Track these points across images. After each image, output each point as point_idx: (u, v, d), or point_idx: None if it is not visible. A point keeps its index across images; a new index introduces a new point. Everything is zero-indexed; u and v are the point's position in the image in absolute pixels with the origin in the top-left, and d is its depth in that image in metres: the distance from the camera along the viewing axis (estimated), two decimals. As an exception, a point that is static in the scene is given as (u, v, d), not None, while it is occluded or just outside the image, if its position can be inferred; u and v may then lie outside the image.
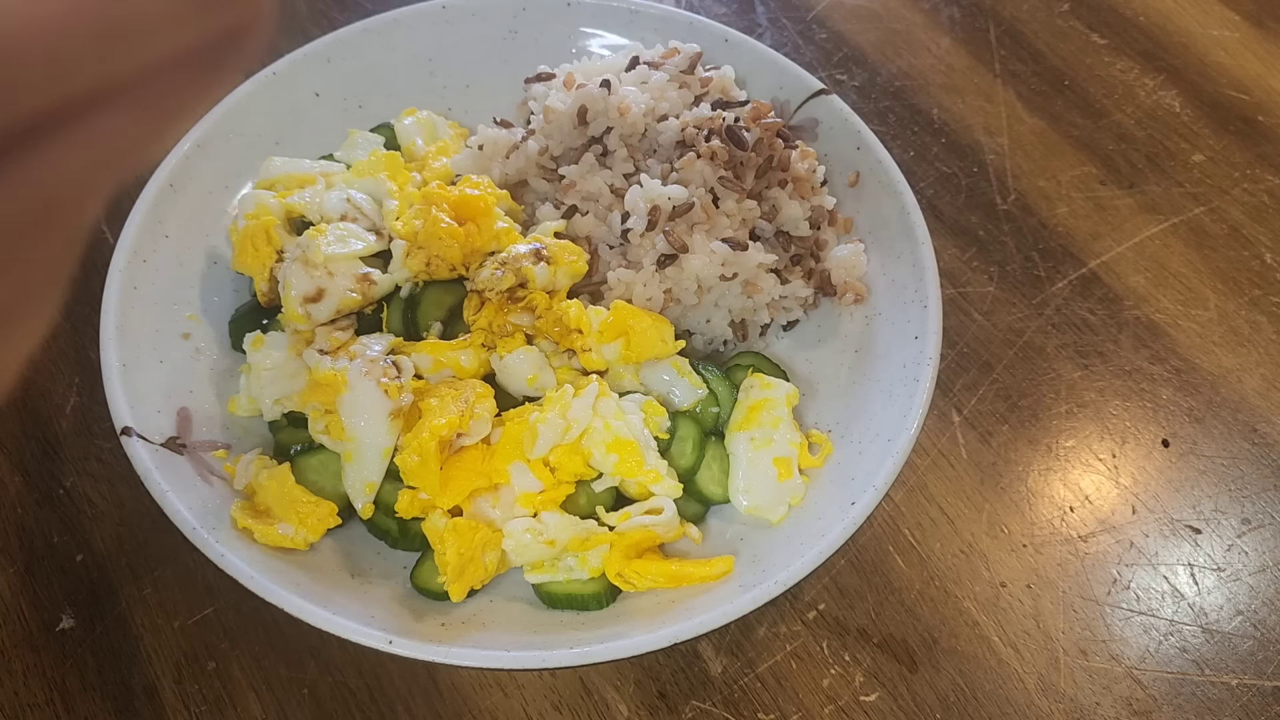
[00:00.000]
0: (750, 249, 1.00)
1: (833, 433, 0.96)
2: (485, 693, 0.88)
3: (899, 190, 1.03)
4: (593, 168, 1.05)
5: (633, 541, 0.88)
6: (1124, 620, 0.93)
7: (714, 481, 0.94)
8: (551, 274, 0.97)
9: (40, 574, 0.94)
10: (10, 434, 1.02)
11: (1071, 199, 1.22)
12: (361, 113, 1.17)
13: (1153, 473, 1.02)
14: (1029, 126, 1.28)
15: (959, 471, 1.01)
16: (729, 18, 1.38)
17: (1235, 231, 1.19)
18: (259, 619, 0.91)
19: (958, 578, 0.95)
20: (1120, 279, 1.15)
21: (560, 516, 0.88)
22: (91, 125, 0.26)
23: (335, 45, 1.15)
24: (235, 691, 0.88)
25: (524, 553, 0.87)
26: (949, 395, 1.06)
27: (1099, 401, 1.06)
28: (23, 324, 0.28)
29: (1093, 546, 0.97)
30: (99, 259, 1.06)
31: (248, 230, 0.99)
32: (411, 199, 1.02)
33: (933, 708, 0.88)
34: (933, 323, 0.95)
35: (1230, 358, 1.09)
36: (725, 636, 0.91)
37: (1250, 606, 0.94)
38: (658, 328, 0.95)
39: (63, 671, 0.89)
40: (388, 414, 0.89)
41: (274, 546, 0.87)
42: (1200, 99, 1.31)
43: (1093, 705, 0.89)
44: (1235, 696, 0.90)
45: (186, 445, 0.92)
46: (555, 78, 1.13)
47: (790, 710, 0.88)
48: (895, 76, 1.33)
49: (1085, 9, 1.41)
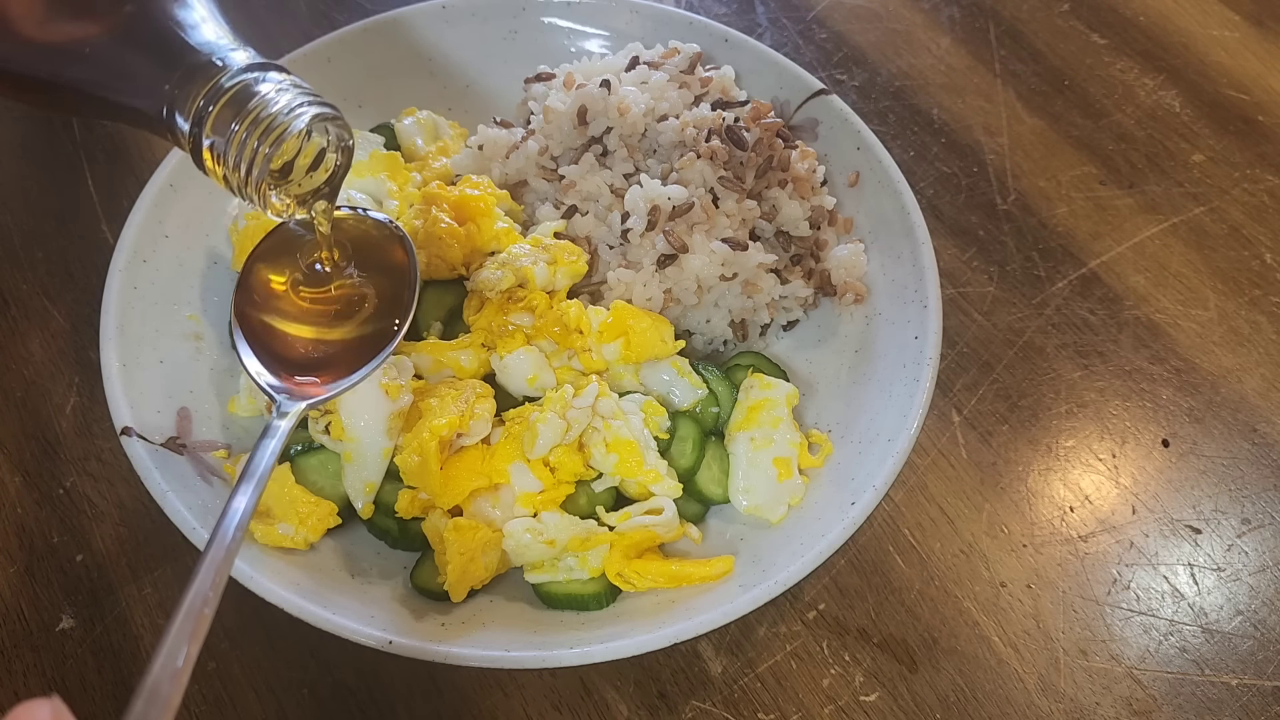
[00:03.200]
0: (750, 249, 1.00)
1: (833, 433, 0.96)
2: (485, 693, 0.88)
3: (899, 190, 1.03)
4: (593, 168, 1.05)
5: (633, 541, 0.88)
6: (1124, 620, 0.93)
7: (714, 481, 0.94)
8: (551, 274, 0.97)
9: (40, 574, 0.94)
10: (10, 434, 1.02)
11: (1071, 199, 1.22)
12: (361, 113, 1.17)
13: (1153, 473, 1.02)
14: (1029, 126, 1.28)
15: (959, 471, 1.01)
16: (729, 18, 1.38)
17: (1235, 231, 1.19)
18: (259, 619, 0.91)
19: (958, 578, 0.95)
20: (1120, 279, 1.15)
21: (560, 516, 0.88)
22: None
23: (335, 45, 1.15)
24: (235, 691, 0.88)
25: (524, 553, 0.87)
26: (949, 395, 1.06)
27: (1099, 401, 1.06)
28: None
29: (1093, 546, 0.97)
30: (99, 259, 1.07)
31: (248, 230, 0.99)
32: (411, 199, 1.02)
33: (933, 708, 0.88)
34: (933, 323, 0.95)
35: (1230, 358, 1.10)
36: (725, 636, 0.91)
37: (1250, 606, 0.94)
38: (658, 328, 0.95)
39: (63, 671, 0.89)
40: (388, 414, 0.89)
41: (274, 546, 0.87)
42: (1200, 99, 1.31)
43: (1093, 705, 0.89)
44: (1235, 696, 0.90)
45: (186, 445, 0.92)
46: (555, 78, 1.13)
47: (790, 710, 0.88)
48: (895, 76, 1.33)
49: (1085, 9, 1.41)
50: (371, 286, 0.89)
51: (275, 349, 0.86)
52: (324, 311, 0.89)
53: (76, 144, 1.24)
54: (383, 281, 0.89)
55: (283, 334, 0.87)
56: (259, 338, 0.86)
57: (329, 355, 0.86)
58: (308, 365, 0.85)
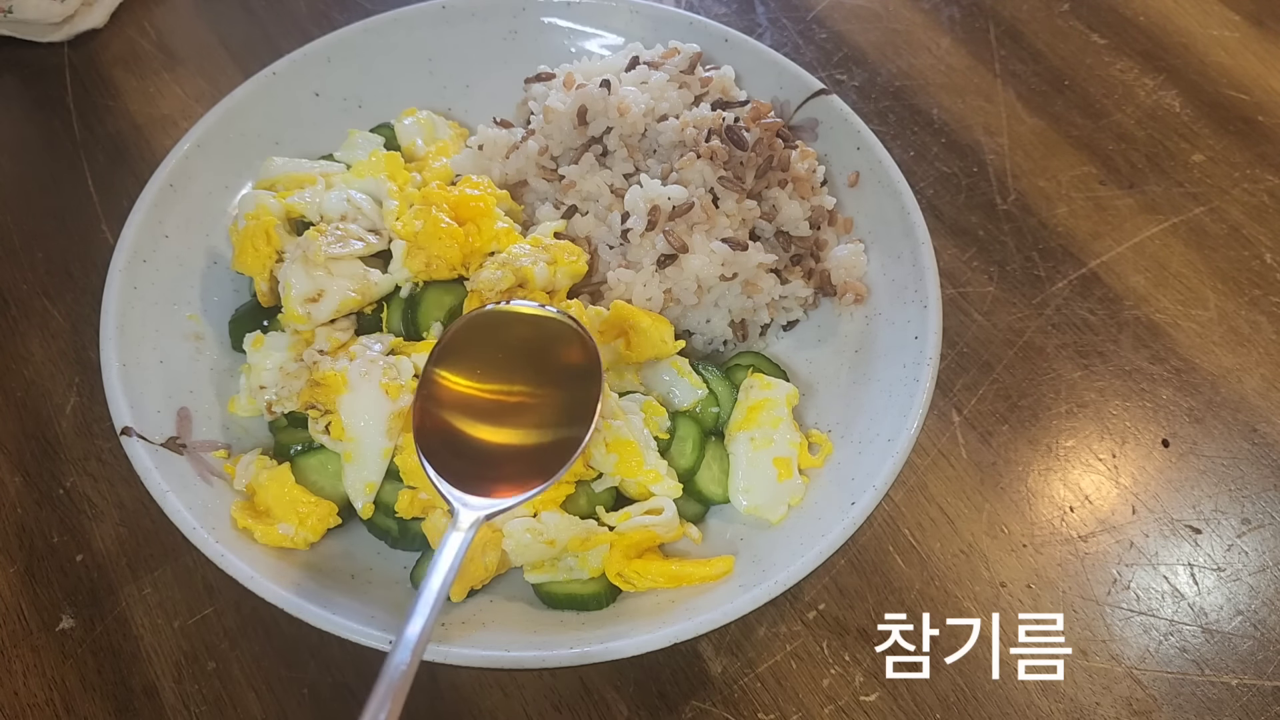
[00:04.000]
0: (750, 249, 1.00)
1: (833, 433, 0.96)
2: (485, 693, 0.88)
3: (899, 190, 1.03)
4: (593, 168, 1.05)
5: (633, 541, 0.88)
6: (1124, 620, 0.93)
7: (714, 481, 0.94)
8: (551, 274, 0.97)
9: (40, 574, 0.94)
10: (10, 434, 1.02)
11: (1071, 199, 1.22)
12: (361, 113, 1.17)
13: (1153, 473, 1.02)
14: (1029, 126, 1.28)
15: (959, 471, 1.01)
16: (729, 18, 1.38)
17: (1235, 231, 1.19)
18: (259, 619, 0.91)
19: (958, 578, 0.95)
20: (1120, 279, 1.15)
21: (560, 516, 0.88)
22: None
23: (335, 45, 1.15)
24: (235, 691, 0.88)
25: (524, 553, 0.87)
26: (949, 395, 1.06)
27: (1099, 401, 1.06)
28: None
29: (1093, 546, 0.97)
30: (99, 259, 1.07)
31: (248, 230, 0.99)
32: (411, 199, 1.02)
33: (933, 708, 0.88)
34: (933, 323, 0.95)
35: (1230, 358, 1.09)
36: (725, 636, 0.91)
37: (1250, 606, 0.94)
38: (658, 328, 0.95)
39: (63, 671, 0.89)
40: (388, 414, 0.89)
41: (274, 546, 0.87)
42: (1200, 99, 1.31)
43: (1093, 705, 0.89)
44: (1235, 696, 0.90)
45: (186, 445, 0.92)
46: (555, 78, 1.13)
47: (790, 710, 0.88)
48: (895, 76, 1.33)
49: (1085, 9, 1.41)
50: (553, 385, 0.86)
51: (454, 451, 0.82)
52: (504, 413, 0.86)
53: (76, 144, 1.24)
54: (564, 379, 0.86)
55: (462, 436, 0.84)
56: (438, 439, 0.83)
57: (510, 457, 0.83)
58: (487, 468, 0.82)
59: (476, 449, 0.84)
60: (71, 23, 1.33)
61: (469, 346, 0.88)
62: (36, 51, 1.34)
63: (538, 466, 0.82)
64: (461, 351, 0.87)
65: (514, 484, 0.80)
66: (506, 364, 0.87)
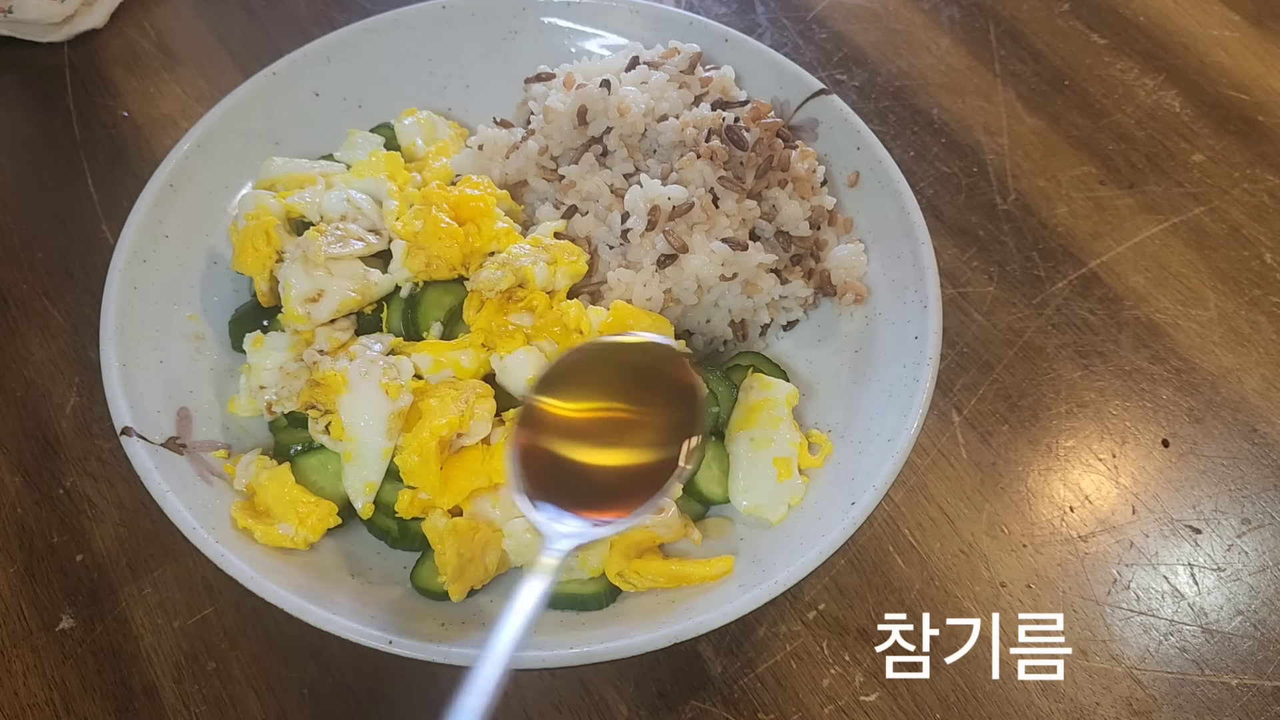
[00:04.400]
0: (750, 249, 1.00)
1: (833, 433, 0.96)
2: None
3: (899, 190, 1.03)
4: (593, 168, 1.05)
5: (633, 541, 0.88)
6: (1124, 620, 0.93)
7: (714, 481, 0.94)
8: (551, 274, 0.97)
9: (40, 574, 0.94)
10: (10, 434, 1.02)
11: (1071, 199, 1.22)
12: (361, 113, 1.17)
13: (1153, 473, 1.02)
14: (1029, 126, 1.28)
15: (959, 471, 1.01)
16: (729, 18, 1.38)
17: (1235, 231, 1.19)
18: (259, 619, 0.91)
19: (958, 578, 0.95)
20: (1120, 279, 1.15)
21: (560, 516, 0.88)
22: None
23: (335, 45, 1.15)
24: (235, 691, 0.88)
25: (524, 553, 0.87)
26: (949, 395, 1.06)
27: (1099, 401, 1.06)
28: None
29: (1093, 546, 0.97)
30: (99, 259, 1.07)
31: (248, 230, 0.99)
32: (411, 199, 1.02)
33: (933, 708, 0.88)
34: (933, 323, 0.95)
35: (1230, 358, 1.09)
36: (725, 636, 0.91)
37: (1250, 606, 0.94)
38: (657, 328, 0.95)
39: (63, 671, 0.89)
40: (388, 414, 0.89)
41: (274, 546, 0.87)
42: (1200, 99, 1.31)
43: (1093, 705, 0.89)
44: (1235, 696, 0.90)
45: (186, 445, 0.92)
46: (555, 78, 1.13)
47: (790, 710, 0.88)
48: (895, 76, 1.33)
49: (1085, 9, 1.41)
50: (654, 414, 0.85)
51: (549, 477, 0.81)
52: (605, 438, 0.85)
53: (76, 144, 1.24)
54: (666, 408, 0.85)
55: (559, 461, 0.82)
56: (532, 464, 0.81)
57: (609, 484, 0.82)
58: (584, 493, 0.81)
59: (573, 473, 0.82)
60: (71, 23, 1.33)
61: (571, 374, 0.87)
62: (36, 51, 1.34)
63: (636, 489, 0.80)
64: (563, 379, 0.86)
65: (601, 507, 0.79)
66: (602, 390, 0.86)
